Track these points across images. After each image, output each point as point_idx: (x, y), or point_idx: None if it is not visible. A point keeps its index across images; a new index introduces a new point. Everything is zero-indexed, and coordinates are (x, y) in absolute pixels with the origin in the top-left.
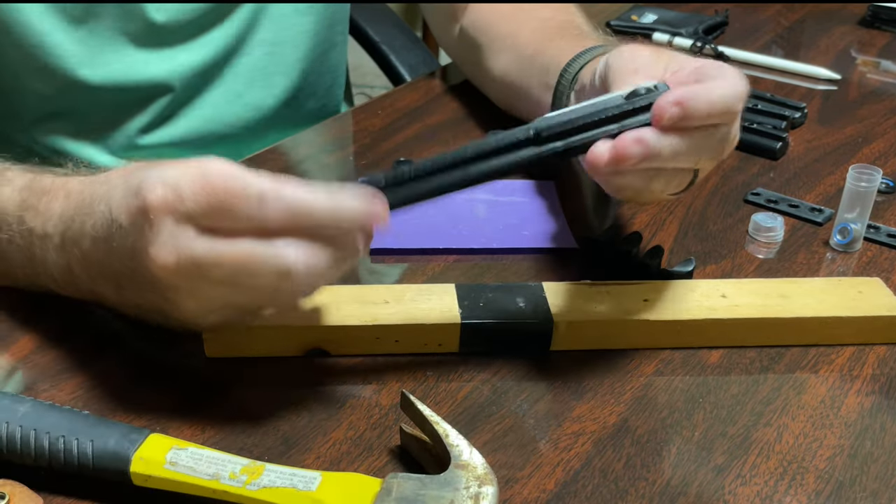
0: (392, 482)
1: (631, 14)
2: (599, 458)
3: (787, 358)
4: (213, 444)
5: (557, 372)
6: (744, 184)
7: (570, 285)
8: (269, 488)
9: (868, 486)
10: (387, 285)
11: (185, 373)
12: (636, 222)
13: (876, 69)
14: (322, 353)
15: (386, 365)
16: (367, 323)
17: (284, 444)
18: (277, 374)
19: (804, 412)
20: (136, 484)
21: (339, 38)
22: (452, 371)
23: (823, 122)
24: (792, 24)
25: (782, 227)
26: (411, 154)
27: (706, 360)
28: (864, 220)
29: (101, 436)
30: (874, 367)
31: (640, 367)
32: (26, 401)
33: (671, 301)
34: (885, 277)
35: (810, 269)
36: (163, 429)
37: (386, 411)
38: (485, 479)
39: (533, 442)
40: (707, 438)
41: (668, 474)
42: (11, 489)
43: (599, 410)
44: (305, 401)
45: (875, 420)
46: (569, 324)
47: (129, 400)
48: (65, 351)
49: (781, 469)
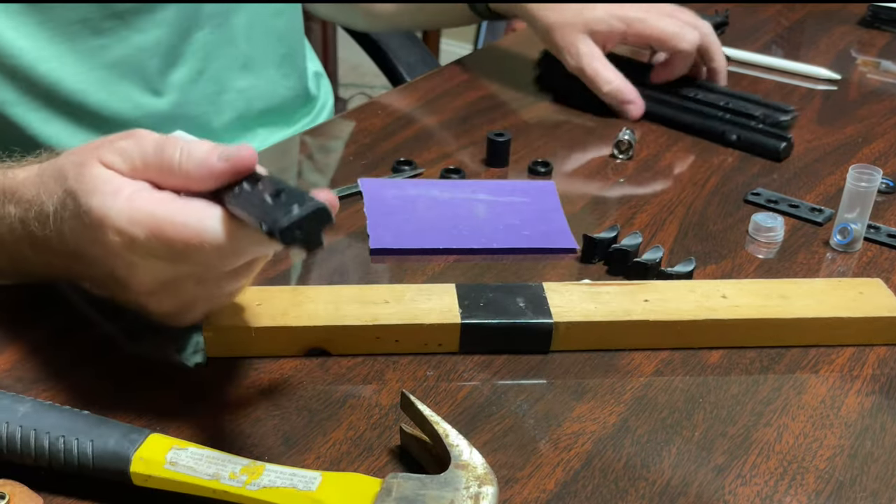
0: (392, 482)
1: None
2: (599, 458)
3: (788, 358)
4: (214, 444)
5: (557, 372)
6: (744, 184)
7: (570, 285)
8: (270, 488)
9: (868, 486)
10: (387, 285)
11: (185, 373)
12: (636, 222)
13: (876, 69)
14: (322, 353)
15: (386, 365)
16: (367, 323)
17: (284, 444)
18: (277, 374)
19: (804, 412)
20: (136, 484)
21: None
22: (452, 371)
23: (823, 123)
24: (792, 24)
25: (782, 227)
26: (411, 154)
27: (706, 361)
28: (864, 220)
29: (101, 436)
30: (874, 367)
31: (640, 367)
32: (26, 401)
33: (671, 301)
34: (886, 278)
35: (810, 269)
36: (163, 429)
37: (386, 411)
38: (485, 479)
39: (533, 442)
40: (707, 438)
41: (668, 474)
42: (11, 489)
43: (599, 410)
44: (305, 401)
45: (875, 420)
46: (569, 324)
47: (129, 400)
48: (64, 351)
49: (782, 469)
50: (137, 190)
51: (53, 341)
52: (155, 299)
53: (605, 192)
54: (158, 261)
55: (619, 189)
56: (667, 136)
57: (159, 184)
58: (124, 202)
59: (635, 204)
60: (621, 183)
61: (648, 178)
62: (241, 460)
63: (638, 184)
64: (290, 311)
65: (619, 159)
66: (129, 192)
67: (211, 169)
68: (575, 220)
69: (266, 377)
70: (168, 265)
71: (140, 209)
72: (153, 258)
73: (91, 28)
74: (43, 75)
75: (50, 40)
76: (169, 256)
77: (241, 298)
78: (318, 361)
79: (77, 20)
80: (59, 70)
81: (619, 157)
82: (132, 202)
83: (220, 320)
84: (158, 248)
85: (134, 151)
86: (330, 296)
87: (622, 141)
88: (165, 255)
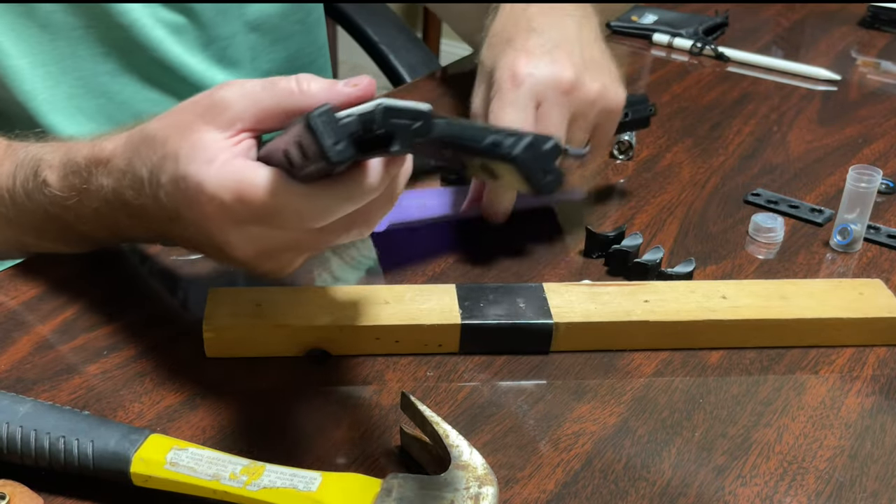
0: (392, 482)
1: (631, 15)
2: (599, 459)
3: (788, 359)
4: (214, 444)
5: (557, 372)
6: (744, 184)
7: (570, 286)
8: (270, 489)
9: (868, 486)
10: (387, 285)
11: (185, 373)
12: (636, 222)
13: (876, 70)
14: (322, 353)
15: (386, 365)
16: (367, 323)
17: (284, 444)
18: (277, 374)
19: (804, 413)
20: (136, 484)
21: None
22: (452, 371)
23: (823, 123)
24: (792, 25)
25: (782, 227)
26: None
27: (706, 361)
28: (864, 220)
29: (101, 436)
30: (874, 367)
31: (640, 368)
32: (26, 401)
33: (671, 301)
34: (886, 278)
35: (810, 269)
36: (163, 429)
37: (386, 411)
38: (485, 479)
39: (533, 442)
40: (707, 439)
41: (669, 475)
42: (11, 489)
43: (599, 411)
44: (305, 401)
45: (875, 421)
46: (569, 324)
47: (129, 400)
48: (65, 351)
49: (782, 470)
50: (232, 157)
51: (54, 341)
52: (255, 263)
53: (606, 193)
54: (252, 226)
55: (619, 189)
56: (667, 136)
57: (273, 125)
58: (217, 169)
59: (635, 204)
60: (621, 183)
61: (648, 178)
62: (241, 460)
63: (638, 184)
64: (290, 311)
65: (620, 160)
66: (224, 158)
67: (339, 93)
68: (575, 220)
69: (266, 377)
70: (262, 230)
71: (228, 175)
72: (246, 224)
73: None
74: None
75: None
76: (256, 220)
77: (241, 298)
78: (318, 362)
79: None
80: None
81: (619, 157)
82: (223, 168)
83: (220, 320)
84: (243, 212)
85: (240, 96)
86: (330, 296)
87: (622, 141)
88: (253, 220)
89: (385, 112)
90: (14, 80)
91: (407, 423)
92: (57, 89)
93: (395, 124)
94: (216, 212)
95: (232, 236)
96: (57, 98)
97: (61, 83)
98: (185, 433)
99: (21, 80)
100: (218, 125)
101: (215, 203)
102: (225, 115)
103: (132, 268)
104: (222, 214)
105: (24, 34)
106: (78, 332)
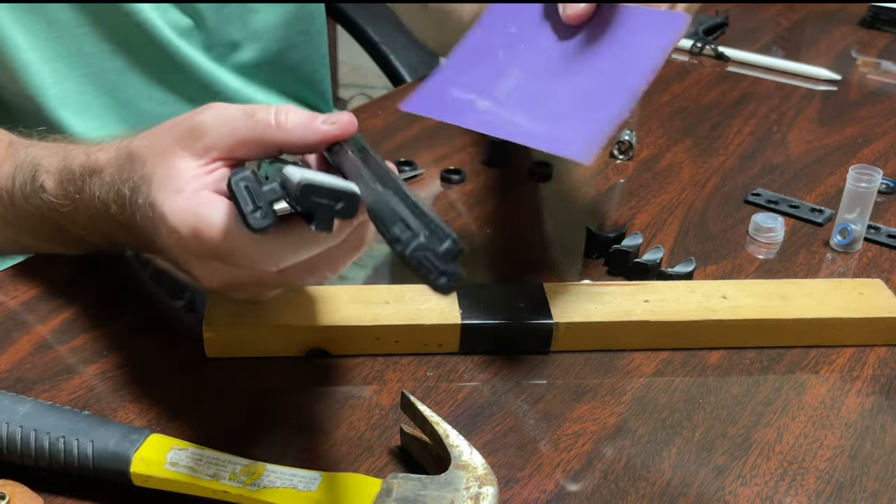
0: (392, 482)
1: None
2: (599, 459)
3: (788, 359)
4: (213, 444)
5: (557, 372)
6: (744, 184)
7: (570, 286)
8: (270, 489)
9: (868, 486)
10: (387, 285)
11: (185, 373)
12: (636, 222)
13: (876, 70)
14: (322, 353)
15: (386, 365)
16: (367, 323)
17: (284, 444)
18: (277, 374)
19: (804, 413)
20: (136, 484)
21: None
22: (452, 371)
23: (823, 123)
24: (792, 25)
25: (782, 227)
26: (411, 155)
27: (706, 361)
28: (864, 220)
29: (101, 436)
30: (874, 367)
31: (640, 368)
32: (26, 401)
33: (671, 301)
34: (886, 278)
35: (811, 269)
36: (163, 429)
37: (386, 411)
38: (485, 479)
39: (533, 442)
40: (707, 439)
41: (669, 475)
42: (11, 489)
43: (599, 411)
44: (305, 401)
45: (875, 421)
46: (569, 324)
47: (129, 400)
48: (65, 351)
49: (782, 470)
50: (201, 187)
51: (54, 342)
52: (224, 292)
53: (606, 193)
54: (212, 261)
55: (619, 189)
56: (667, 136)
57: (249, 154)
58: (182, 201)
59: (635, 204)
60: (621, 183)
61: (649, 178)
62: (241, 460)
63: (638, 184)
64: (290, 311)
65: (620, 160)
66: (192, 188)
67: (316, 129)
68: (575, 220)
69: (266, 377)
70: (222, 266)
71: (189, 209)
72: (206, 259)
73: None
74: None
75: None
76: (213, 257)
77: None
78: (318, 362)
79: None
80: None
81: (619, 157)
82: (188, 200)
83: (220, 320)
84: (201, 249)
85: (218, 124)
86: (330, 296)
87: (623, 141)
88: (211, 256)
89: (304, 190)
90: (25, 73)
91: (407, 423)
92: (65, 85)
93: (315, 203)
94: (177, 244)
95: (195, 268)
96: (66, 93)
97: (69, 79)
98: (185, 433)
99: (31, 74)
100: (193, 152)
101: (175, 236)
102: (201, 141)
103: (132, 268)
104: (182, 247)
105: (34, 29)
106: (78, 332)
